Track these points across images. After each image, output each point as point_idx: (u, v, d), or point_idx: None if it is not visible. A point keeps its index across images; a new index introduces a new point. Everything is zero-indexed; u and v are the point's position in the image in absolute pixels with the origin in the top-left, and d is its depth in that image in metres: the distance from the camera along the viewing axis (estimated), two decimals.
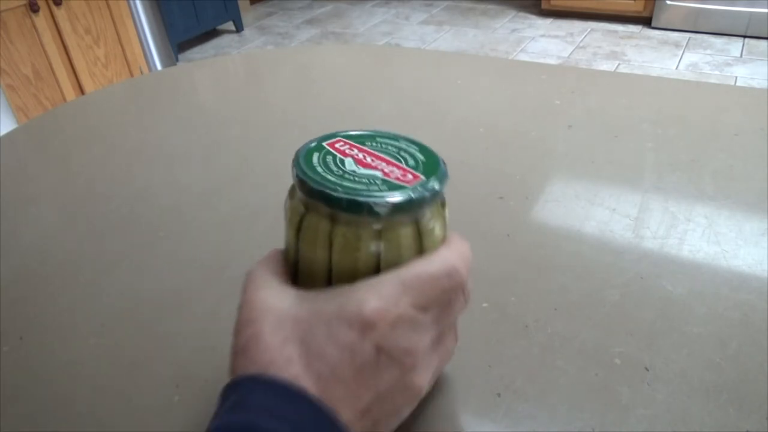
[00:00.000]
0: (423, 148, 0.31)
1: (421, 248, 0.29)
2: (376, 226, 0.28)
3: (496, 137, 0.63)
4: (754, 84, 2.51)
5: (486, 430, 0.34)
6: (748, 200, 0.51)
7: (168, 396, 0.37)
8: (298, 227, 0.29)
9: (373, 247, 0.28)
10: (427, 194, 0.28)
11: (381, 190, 0.27)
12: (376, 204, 0.27)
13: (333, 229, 0.28)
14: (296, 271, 0.31)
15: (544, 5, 3.44)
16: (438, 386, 0.36)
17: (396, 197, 0.27)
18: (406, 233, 0.28)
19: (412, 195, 0.27)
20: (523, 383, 0.36)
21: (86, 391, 0.38)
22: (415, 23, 3.63)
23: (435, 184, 0.28)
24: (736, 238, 0.47)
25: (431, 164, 0.30)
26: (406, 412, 0.28)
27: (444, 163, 0.30)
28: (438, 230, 0.30)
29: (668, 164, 0.57)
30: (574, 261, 0.45)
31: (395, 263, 0.28)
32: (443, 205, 0.31)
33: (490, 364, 0.37)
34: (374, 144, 0.32)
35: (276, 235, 0.50)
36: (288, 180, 0.37)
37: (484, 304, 0.42)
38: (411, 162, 0.30)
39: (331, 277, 0.29)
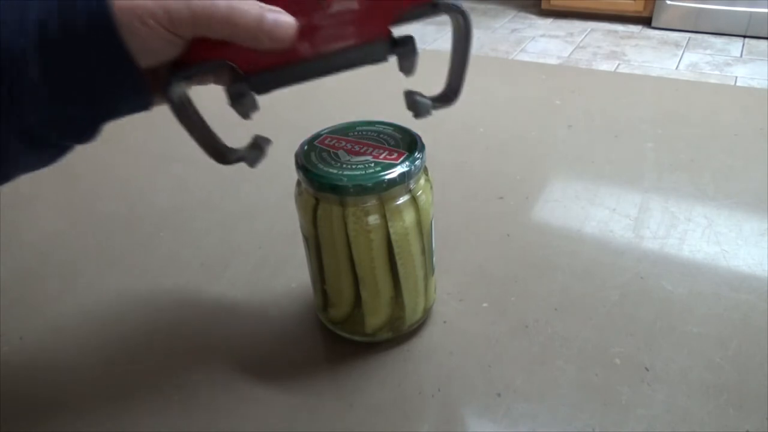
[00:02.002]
0: (397, 127, 0.36)
1: (417, 209, 0.34)
2: (379, 201, 0.33)
3: (496, 137, 0.63)
4: (754, 84, 2.50)
5: (486, 430, 0.34)
6: (748, 200, 0.51)
7: (168, 396, 0.37)
8: (313, 216, 0.34)
9: (379, 218, 0.33)
10: (413, 167, 0.33)
11: (377, 172, 0.32)
12: (376, 184, 0.31)
13: (344, 211, 0.33)
14: (319, 250, 0.36)
15: (544, 5, 3.44)
16: (438, 386, 0.36)
17: (390, 174, 0.32)
18: (403, 200, 0.33)
19: (403, 170, 0.32)
20: (523, 383, 0.36)
21: (86, 391, 0.38)
22: (415, 23, 3.63)
23: (418, 157, 0.33)
24: (736, 238, 0.46)
25: (408, 140, 0.34)
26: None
27: (419, 137, 0.35)
28: (426, 192, 0.35)
29: (668, 164, 0.57)
30: (574, 261, 0.45)
31: (399, 226, 0.33)
32: (425, 170, 0.36)
33: (490, 364, 0.37)
34: (356, 133, 0.36)
35: (276, 235, 0.50)
36: (288, 179, 0.37)
37: (484, 304, 0.42)
38: (392, 142, 0.34)
39: (351, 249, 0.34)
